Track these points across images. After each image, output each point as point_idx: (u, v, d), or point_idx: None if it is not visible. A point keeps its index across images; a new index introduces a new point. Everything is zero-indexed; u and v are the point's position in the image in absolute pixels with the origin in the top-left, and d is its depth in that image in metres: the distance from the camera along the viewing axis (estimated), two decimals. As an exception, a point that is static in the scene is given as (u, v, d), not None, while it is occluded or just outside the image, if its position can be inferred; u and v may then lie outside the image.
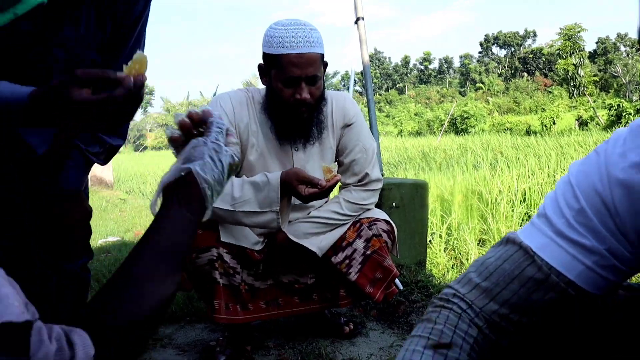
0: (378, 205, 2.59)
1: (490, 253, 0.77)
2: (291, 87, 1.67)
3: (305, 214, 1.89)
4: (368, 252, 1.82)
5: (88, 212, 1.31)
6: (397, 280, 2.40)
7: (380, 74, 72.03)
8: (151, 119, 64.40)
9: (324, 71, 1.79)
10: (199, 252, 1.71)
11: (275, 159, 1.83)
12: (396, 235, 1.91)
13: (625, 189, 0.65)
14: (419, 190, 2.68)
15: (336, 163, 1.72)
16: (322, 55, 1.72)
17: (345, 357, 1.86)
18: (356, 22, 2.89)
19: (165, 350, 2.03)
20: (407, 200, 2.65)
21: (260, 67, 1.78)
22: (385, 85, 71.22)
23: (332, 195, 1.92)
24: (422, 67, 73.85)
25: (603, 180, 0.67)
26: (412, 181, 2.71)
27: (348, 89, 3.10)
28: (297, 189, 1.63)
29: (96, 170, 9.45)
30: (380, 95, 61.09)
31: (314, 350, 1.92)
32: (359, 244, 1.84)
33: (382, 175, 2.81)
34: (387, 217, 1.91)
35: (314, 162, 1.86)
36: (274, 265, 1.90)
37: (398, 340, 1.99)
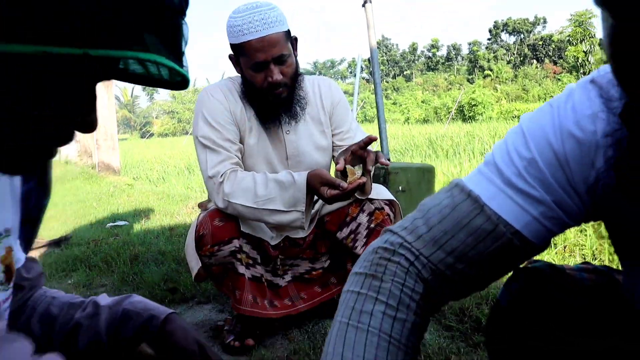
0: (384, 189, 2.61)
1: (438, 199, 0.76)
2: (261, 72, 1.69)
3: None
4: (372, 225, 1.86)
5: None
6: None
7: (387, 60, 71.58)
8: (157, 105, 64.54)
9: (295, 47, 1.79)
10: (221, 244, 1.73)
11: (270, 149, 1.86)
12: (399, 208, 1.94)
13: (577, 141, 0.66)
14: (425, 174, 2.69)
15: (361, 165, 1.72)
16: (287, 32, 1.72)
17: (351, 336, 1.89)
18: (364, 5, 2.89)
19: (174, 329, 2.06)
20: (413, 184, 2.66)
21: (230, 57, 1.80)
22: (392, 73, 70.81)
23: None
24: (430, 54, 73.31)
25: (556, 132, 0.67)
26: (419, 165, 2.72)
27: (355, 75, 3.09)
28: (319, 191, 1.65)
29: (103, 156, 9.51)
30: (387, 82, 60.75)
31: (320, 330, 1.94)
32: (363, 218, 1.87)
33: (389, 159, 2.82)
34: (389, 193, 1.95)
35: (307, 142, 1.89)
36: (290, 258, 1.96)
37: (403, 321, 2.01)
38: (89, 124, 0.60)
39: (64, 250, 3.43)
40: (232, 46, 1.73)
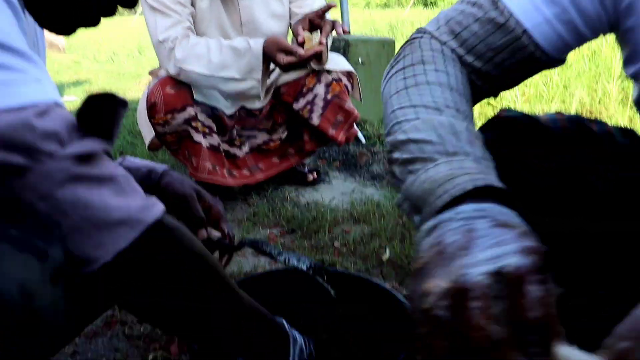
0: (343, 61, 2.57)
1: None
2: None
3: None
4: (329, 97, 1.85)
5: None
6: (359, 133, 2.46)
7: (349, -60, 67.48)
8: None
9: None
10: (174, 112, 1.67)
11: (223, 14, 1.76)
12: (357, 80, 1.93)
13: None
14: (385, 47, 2.66)
15: (319, 32, 1.66)
16: None
17: (308, 200, 1.95)
18: None
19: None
20: (373, 57, 2.63)
21: None
22: (354, -47, 67.24)
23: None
24: None
25: None
26: (379, 38, 2.68)
27: None
28: (276, 58, 1.60)
29: (47, 34, 8.89)
30: (348, -36, 57.70)
31: (279, 194, 2.00)
32: (320, 89, 1.86)
33: (348, 31, 2.75)
34: (347, 63, 1.92)
35: (262, 8, 1.80)
36: (247, 129, 1.93)
37: (359, 187, 2.09)
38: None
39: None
40: None
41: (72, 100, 4.02)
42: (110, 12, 0.67)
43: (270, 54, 1.62)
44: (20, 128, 0.48)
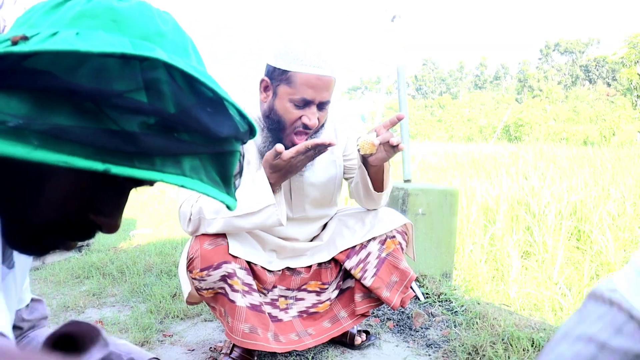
0: (403, 212, 2.48)
1: (580, 321, 0.54)
2: (300, 110, 1.54)
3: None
4: (383, 255, 1.74)
5: None
6: (418, 289, 2.28)
7: (434, 78, 70.93)
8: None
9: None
10: (210, 269, 1.59)
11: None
12: (411, 236, 1.81)
13: None
14: (447, 197, 2.55)
15: (370, 135, 1.60)
16: (334, 81, 1.60)
17: (352, 369, 1.76)
18: (392, 20, 2.78)
19: (173, 347, 1.99)
20: (434, 208, 2.52)
21: (262, 81, 1.62)
22: (439, 90, 70.09)
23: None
24: (478, 72, 72.25)
25: None
26: (441, 188, 2.58)
27: (399, 91, 2.97)
28: (275, 159, 1.51)
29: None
30: (432, 99, 60.15)
31: (322, 358, 1.83)
32: (373, 247, 1.75)
33: (410, 180, 2.69)
34: (403, 218, 1.81)
35: (313, 173, 1.75)
36: (292, 290, 1.82)
37: (412, 355, 1.87)
38: (109, 227, 0.64)
39: (83, 256, 3.43)
40: (276, 70, 1.55)
41: (145, 233, 4.16)
42: (87, 238, 0.66)
43: (271, 167, 1.54)
44: None
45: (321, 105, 1.56)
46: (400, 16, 2.79)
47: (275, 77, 1.56)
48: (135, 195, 5.05)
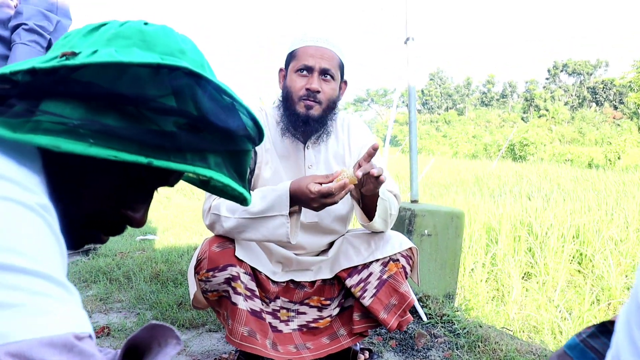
0: (409, 232, 2.51)
1: None
2: (304, 77, 1.70)
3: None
4: (384, 277, 1.76)
5: None
6: (420, 310, 2.31)
7: (440, 93, 71.10)
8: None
9: (342, 87, 1.81)
10: (215, 270, 1.65)
11: (289, 178, 1.79)
12: (416, 261, 1.84)
13: None
14: (454, 219, 2.58)
15: (352, 168, 1.65)
16: (341, 63, 1.76)
17: (354, 387, 1.79)
18: (406, 42, 2.84)
19: (178, 357, 2.02)
20: (440, 229, 2.55)
21: (280, 70, 1.83)
22: (445, 105, 70.23)
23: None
24: (485, 90, 72.41)
25: None
26: (448, 209, 2.62)
27: (407, 106, 3.02)
28: (306, 188, 1.54)
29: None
30: (438, 114, 60.29)
31: (325, 376, 1.86)
32: (376, 268, 1.78)
33: (417, 201, 2.73)
34: (408, 242, 1.84)
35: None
36: (294, 303, 1.85)
37: (413, 375, 1.90)
38: (138, 221, 0.72)
39: (90, 260, 3.47)
40: (287, 57, 1.78)
41: (152, 239, 4.20)
42: (118, 233, 0.74)
43: (298, 189, 1.57)
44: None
45: (323, 73, 1.71)
46: (413, 39, 2.84)
47: (287, 62, 1.78)
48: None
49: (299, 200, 1.58)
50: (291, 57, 1.75)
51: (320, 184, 1.53)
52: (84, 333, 0.51)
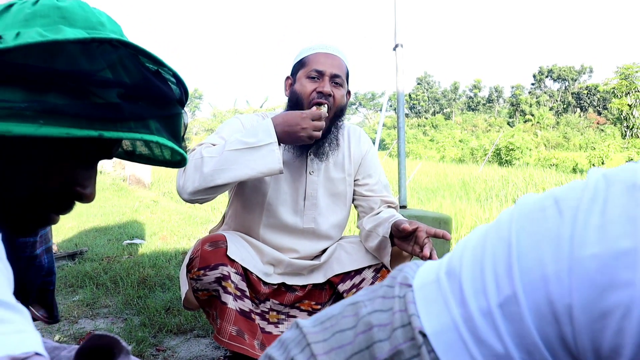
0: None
1: (364, 300, 0.51)
2: (315, 82, 1.72)
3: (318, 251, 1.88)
4: (376, 283, 1.77)
5: None
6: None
7: (428, 97, 71.55)
8: (198, 122, 65.97)
9: (347, 97, 1.82)
10: (206, 269, 1.65)
11: (288, 182, 1.81)
12: None
13: (597, 288, 0.40)
14: (442, 224, 2.60)
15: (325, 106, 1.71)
16: (348, 71, 1.79)
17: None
18: (394, 49, 2.86)
19: (166, 362, 2.01)
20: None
21: (287, 78, 1.85)
22: (432, 109, 70.68)
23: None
24: (471, 94, 73.00)
25: (560, 263, 0.42)
26: (436, 215, 2.64)
27: (395, 110, 3.05)
28: (296, 113, 1.60)
29: (135, 170, 9.67)
30: (426, 119, 60.64)
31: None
32: (368, 274, 1.80)
33: (405, 206, 2.75)
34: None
35: (326, 185, 1.84)
36: (285, 306, 1.86)
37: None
38: (88, 196, 0.72)
39: (76, 264, 3.45)
40: (296, 64, 1.79)
41: (139, 243, 4.17)
42: (67, 210, 0.74)
43: (286, 116, 1.61)
44: None
45: (334, 79, 1.73)
46: (402, 45, 2.87)
47: (294, 70, 1.80)
48: (128, 203, 5.05)
49: (286, 128, 1.59)
50: (300, 64, 1.77)
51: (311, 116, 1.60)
52: (26, 353, 0.49)
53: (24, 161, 0.65)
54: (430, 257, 1.57)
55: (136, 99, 0.64)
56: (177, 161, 0.84)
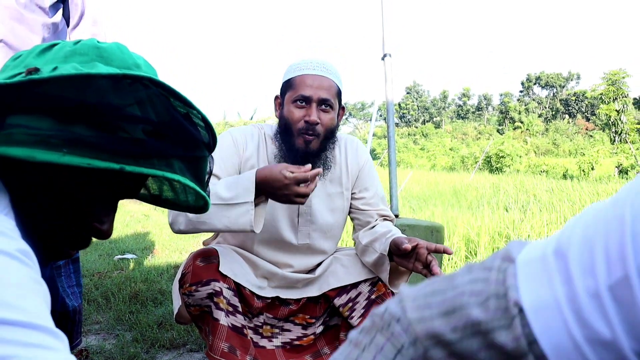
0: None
1: (464, 280, 0.50)
2: (302, 109, 1.66)
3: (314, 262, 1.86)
4: (372, 297, 1.76)
5: None
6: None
7: (417, 106, 71.93)
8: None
9: (340, 113, 1.77)
10: (198, 285, 1.62)
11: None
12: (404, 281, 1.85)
13: None
14: (434, 233, 2.60)
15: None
16: (339, 90, 1.71)
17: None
18: (383, 58, 2.88)
19: (159, 378, 1.99)
20: (421, 243, 2.57)
21: (276, 98, 1.78)
22: (422, 118, 71.03)
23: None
24: (461, 103, 73.50)
25: None
26: (428, 223, 2.64)
27: (385, 119, 3.05)
28: (279, 175, 1.47)
29: (127, 184, 9.60)
30: (416, 127, 60.94)
31: (308, 394, 1.84)
32: (364, 288, 1.78)
33: (397, 215, 2.75)
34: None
35: (322, 200, 1.81)
36: (279, 320, 1.83)
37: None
38: (105, 233, 0.73)
39: (67, 281, 3.40)
40: (283, 84, 1.73)
41: (130, 258, 4.14)
42: (84, 246, 0.75)
43: (269, 176, 1.48)
44: None
45: (321, 104, 1.66)
46: (390, 55, 2.88)
47: (283, 90, 1.73)
48: (119, 217, 5.01)
49: (268, 187, 1.50)
50: (287, 85, 1.70)
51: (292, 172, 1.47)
52: None
53: (47, 191, 0.66)
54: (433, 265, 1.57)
55: (162, 136, 0.65)
56: (201, 206, 0.84)
